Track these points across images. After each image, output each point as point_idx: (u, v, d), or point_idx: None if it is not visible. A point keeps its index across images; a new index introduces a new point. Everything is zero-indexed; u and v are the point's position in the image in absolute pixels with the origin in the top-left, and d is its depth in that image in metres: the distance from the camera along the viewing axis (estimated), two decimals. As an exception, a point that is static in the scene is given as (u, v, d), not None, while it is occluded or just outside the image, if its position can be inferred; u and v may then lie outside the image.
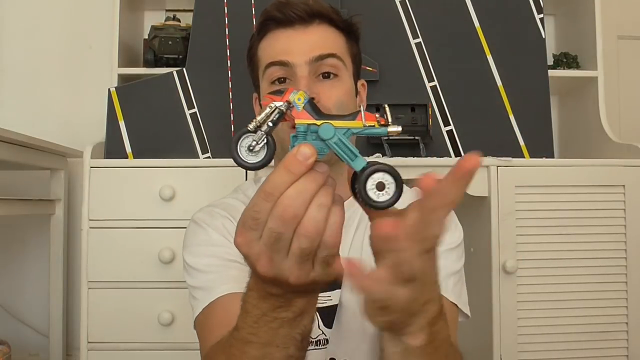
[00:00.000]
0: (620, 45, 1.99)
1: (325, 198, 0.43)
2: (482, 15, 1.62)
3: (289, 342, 0.50)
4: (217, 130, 1.55)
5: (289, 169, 0.42)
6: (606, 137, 1.63)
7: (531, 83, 1.62)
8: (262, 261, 0.44)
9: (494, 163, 1.44)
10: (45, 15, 1.92)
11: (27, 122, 1.82)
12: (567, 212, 1.44)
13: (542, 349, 1.42)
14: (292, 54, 0.82)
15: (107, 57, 1.67)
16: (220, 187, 1.42)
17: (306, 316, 0.50)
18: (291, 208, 0.42)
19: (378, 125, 0.47)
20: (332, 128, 0.46)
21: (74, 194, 1.80)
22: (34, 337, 1.82)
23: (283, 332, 0.49)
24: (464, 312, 0.86)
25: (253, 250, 0.44)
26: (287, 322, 0.49)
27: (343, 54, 0.86)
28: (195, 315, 0.80)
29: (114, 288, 1.42)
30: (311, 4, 0.84)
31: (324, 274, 0.45)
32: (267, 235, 0.43)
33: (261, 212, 0.43)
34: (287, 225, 0.43)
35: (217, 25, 1.58)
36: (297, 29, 0.84)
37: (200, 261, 0.81)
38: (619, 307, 1.44)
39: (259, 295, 0.48)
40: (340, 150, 0.46)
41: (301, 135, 0.46)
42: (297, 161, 0.42)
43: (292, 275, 0.44)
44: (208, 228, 0.85)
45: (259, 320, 0.49)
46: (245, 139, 0.46)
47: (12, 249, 1.88)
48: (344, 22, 0.88)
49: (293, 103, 0.46)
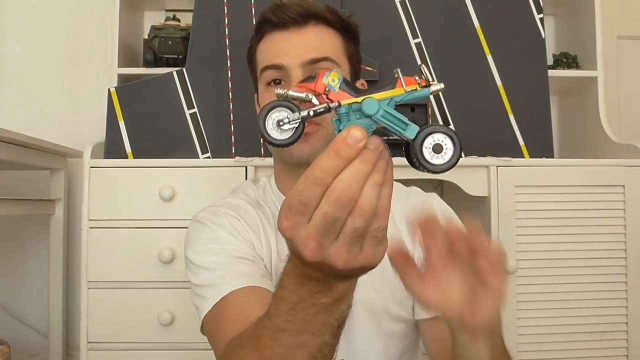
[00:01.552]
0: (620, 45, 1.99)
1: (379, 175, 0.42)
2: (482, 15, 1.62)
3: (325, 329, 0.49)
4: (217, 130, 1.55)
5: (339, 153, 0.41)
6: (606, 137, 1.63)
7: (531, 83, 1.62)
8: (310, 246, 0.42)
9: (493, 163, 1.44)
10: (45, 15, 1.92)
11: (27, 122, 1.82)
12: (567, 212, 1.44)
13: (542, 349, 1.42)
14: (286, 57, 0.83)
15: (107, 57, 1.67)
16: (220, 187, 1.42)
17: (344, 301, 0.49)
18: (348, 191, 0.41)
19: (420, 87, 0.45)
20: (375, 102, 0.44)
21: (73, 194, 1.80)
22: (34, 337, 1.82)
23: (320, 319, 0.48)
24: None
25: (300, 234, 0.43)
26: (325, 307, 0.48)
27: (338, 55, 0.85)
28: (203, 314, 0.78)
29: (114, 288, 1.42)
30: (306, 5, 0.84)
31: (373, 254, 0.44)
32: (319, 219, 0.42)
33: (311, 197, 0.41)
34: (343, 209, 0.41)
35: (217, 25, 1.58)
36: (292, 30, 0.84)
37: (207, 259, 0.81)
38: (619, 307, 1.44)
39: (296, 281, 0.47)
40: (388, 122, 0.44)
41: (345, 117, 0.44)
42: (347, 145, 0.41)
43: (341, 259, 0.43)
44: (214, 226, 0.84)
45: (296, 306, 0.48)
46: (276, 112, 0.44)
47: (12, 249, 1.87)
48: (340, 22, 0.88)
49: (329, 86, 0.44)
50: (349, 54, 0.88)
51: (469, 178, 1.45)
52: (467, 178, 1.45)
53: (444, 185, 1.58)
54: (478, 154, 1.52)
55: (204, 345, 1.37)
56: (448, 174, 1.50)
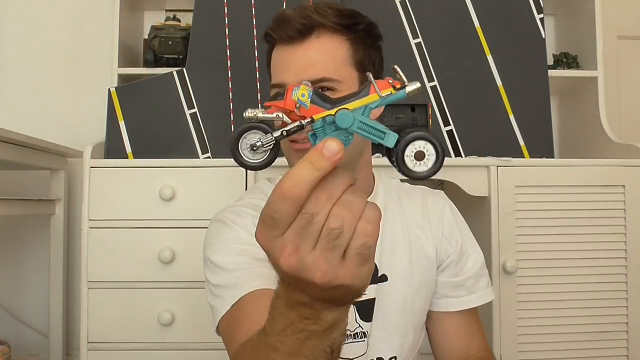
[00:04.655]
0: (620, 45, 1.99)
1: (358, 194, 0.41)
2: (482, 15, 1.62)
3: (318, 354, 0.47)
4: (217, 130, 1.55)
5: (314, 165, 0.39)
6: (606, 137, 1.63)
7: (531, 83, 1.62)
8: (286, 252, 0.40)
9: (494, 163, 1.44)
10: (46, 15, 1.92)
11: (27, 122, 1.82)
12: (567, 212, 1.44)
13: (542, 349, 1.42)
14: (286, 74, 0.83)
15: (107, 57, 1.67)
16: (220, 187, 1.42)
17: (336, 330, 0.47)
18: (328, 189, 0.40)
19: (394, 90, 0.43)
20: (349, 114, 0.41)
21: (74, 194, 1.80)
22: (34, 337, 1.82)
23: (311, 344, 0.46)
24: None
25: (276, 243, 0.41)
26: (315, 334, 0.46)
27: (341, 67, 0.83)
28: (220, 314, 0.77)
29: (114, 288, 1.42)
30: (309, 15, 0.82)
31: (356, 272, 0.41)
32: (298, 223, 0.40)
33: (280, 211, 0.40)
34: (320, 205, 0.40)
35: (217, 25, 1.58)
36: (295, 44, 0.83)
37: (227, 259, 0.80)
38: (619, 307, 1.44)
39: (286, 304, 0.46)
40: (365, 132, 0.42)
41: (320, 131, 0.43)
42: (323, 157, 0.39)
43: (319, 270, 0.40)
44: (235, 226, 0.84)
45: (286, 329, 0.46)
46: (250, 134, 0.42)
47: (12, 249, 1.87)
48: (348, 27, 0.85)
49: (299, 102, 0.42)
50: (357, 61, 0.85)
51: (469, 178, 1.45)
52: (467, 178, 1.45)
53: (444, 185, 1.58)
54: (478, 154, 1.52)
55: (204, 345, 1.39)
56: (448, 174, 1.51)
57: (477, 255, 0.95)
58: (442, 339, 0.94)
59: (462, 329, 0.93)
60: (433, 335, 0.95)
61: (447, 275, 0.93)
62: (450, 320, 0.93)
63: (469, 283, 0.92)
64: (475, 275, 0.93)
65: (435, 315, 0.94)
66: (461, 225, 0.96)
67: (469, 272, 0.93)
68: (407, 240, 0.90)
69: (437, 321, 0.94)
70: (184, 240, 1.41)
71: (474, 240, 0.97)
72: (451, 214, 0.96)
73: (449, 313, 0.93)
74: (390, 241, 0.89)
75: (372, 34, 0.89)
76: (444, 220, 0.94)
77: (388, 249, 0.88)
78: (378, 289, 0.86)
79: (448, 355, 0.93)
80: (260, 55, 1.56)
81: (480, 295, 0.93)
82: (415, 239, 0.91)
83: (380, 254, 0.88)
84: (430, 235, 0.92)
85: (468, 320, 0.94)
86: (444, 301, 0.93)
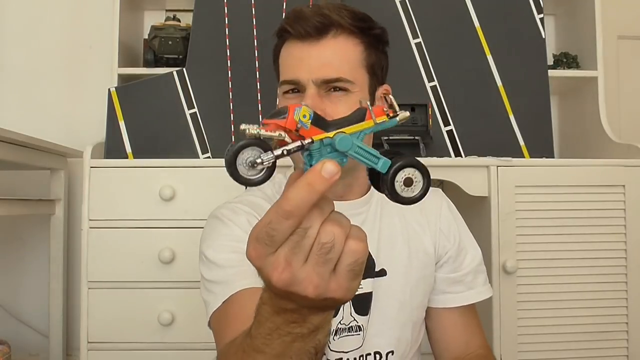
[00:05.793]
0: (620, 45, 1.99)
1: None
2: (482, 15, 1.62)
3: (303, 355, 0.49)
4: (217, 130, 1.55)
5: (313, 186, 0.40)
6: (606, 137, 1.63)
7: (531, 83, 1.62)
8: (279, 268, 0.41)
9: (494, 163, 1.44)
10: (46, 15, 1.92)
11: (27, 122, 1.82)
12: (567, 212, 1.44)
13: (542, 349, 1.42)
14: (301, 72, 0.83)
15: (107, 57, 1.67)
16: (220, 187, 1.42)
17: (321, 331, 0.48)
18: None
19: (388, 118, 0.46)
20: (348, 138, 0.43)
21: (74, 194, 1.80)
22: (34, 337, 1.82)
23: (297, 346, 0.48)
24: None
25: (268, 260, 0.42)
26: (300, 337, 0.47)
27: (355, 69, 0.84)
28: (212, 309, 0.79)
29: (114, 288, 1.42)
30: (327, 14, 0.83)
31: (346, 287, 0.43)
32: (292, 238, 0.41)
33: (279, 230, 0.41)
34: (312, 220, 0.41)
35: (217, 25, 1.58)
36: (310, 42, 0.83)
37: (221, 256, 0.81)
38: (619, 307, 1.44)
39: (272, 310, 0.46)
40: (361, 156, 0.44)
41: (316, 152, 0.44)
42: (322, 178, 0.40)
43: (311, 284, 0.42)
44: (230, 223, 0.85)
45: (272, 333, 0.48)
46: (248, 150, 0.42)
47: (12, 249, 1.87)
48: (363, 30, 0.86)
49: (300, 122, 0.43)
50: (369, 64, 0.86)
51: (469, 178, 1.45)
52: (467, 178, 1.45)
53: (444, 185, 1.58)
54: (478, 154, 1.53)
55: (204, 345, 1.39)
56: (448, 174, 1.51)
57: (475, 252, 0.96)
58: (441, 336, 0.94)
59: (461, 326, 0.93)
60: (432, 332, 0.96)
61: (445, 271, 0.93)
62: (449, 317, 0.93)
63: (467, 279, 0.93)
64: (474, 272, 0.94)
65: (434, 312, 0.94)
66: (459, 221, 0.97)
67: (467, 268, 0.93)
68: (406, 236, 0.91)
69: (436, 318, 0.94)
70: (184, 240, 1.41)
71: (472, 237, 0.98)
72: (448, 210, 0.96)
73: (448, 309, 0.93)
74: (389, 236, 0.90)
75: (383, 40, 0.90)
76: (441, 216, 0.95)
77: (386, 243, 0.89)
78: (376, 283, 0.87)
79: (447, 353, 0.94)
80: (260, 55, 1.56)
81: (479, 292, 0.94)
82: (413, 235, 0.92)
83: (379, 249, 0.88)
84: (428, 231, 0.93)
85: (467, 317, 0.94)
86: (442, 297, 0.93)
